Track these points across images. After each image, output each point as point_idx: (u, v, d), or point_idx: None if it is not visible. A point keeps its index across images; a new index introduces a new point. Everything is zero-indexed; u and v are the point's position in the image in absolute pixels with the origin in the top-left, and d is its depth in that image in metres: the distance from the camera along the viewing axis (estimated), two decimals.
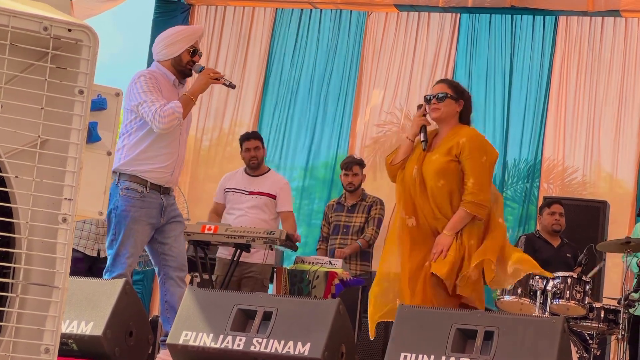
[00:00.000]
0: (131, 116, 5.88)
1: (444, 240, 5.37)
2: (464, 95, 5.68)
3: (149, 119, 5.73)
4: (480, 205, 5.39)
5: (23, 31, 2.11)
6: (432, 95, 5.60)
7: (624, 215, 9.35)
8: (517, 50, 10.06)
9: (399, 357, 4.75)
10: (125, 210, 5.79)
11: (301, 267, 7.50)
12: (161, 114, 5.69)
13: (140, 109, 5.76)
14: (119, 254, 5.82)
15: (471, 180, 5.40)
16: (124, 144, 5.88)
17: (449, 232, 5.38)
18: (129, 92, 5.87)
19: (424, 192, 5.48)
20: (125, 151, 5.86)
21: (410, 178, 5.51)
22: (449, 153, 5.45)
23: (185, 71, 6.02)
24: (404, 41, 10.37)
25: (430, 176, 5.45)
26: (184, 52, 5.96)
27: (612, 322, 7.32)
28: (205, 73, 6.00)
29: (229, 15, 10.90)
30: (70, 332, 5.27)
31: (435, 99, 5.57)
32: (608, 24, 9.81)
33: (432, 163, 5.47)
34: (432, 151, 5.55)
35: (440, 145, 5.55)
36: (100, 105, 2.36)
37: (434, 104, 5.57)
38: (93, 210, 2.37)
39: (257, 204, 7.69)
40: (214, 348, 5.09)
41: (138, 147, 5.84)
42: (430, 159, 5.50)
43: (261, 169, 7.89)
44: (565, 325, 4.68)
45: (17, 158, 2.14)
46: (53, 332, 2.15)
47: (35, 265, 2.14)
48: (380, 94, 10.35)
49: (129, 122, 5.88)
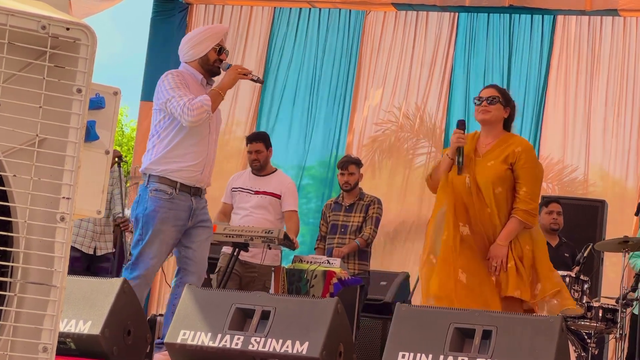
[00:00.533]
0: (159, 116, 5.88)
1: (500, 251, 5.46)
2: (510, 103, 5.75)
3: (177, 113, 5.73)
4: (532, 214, 5.51)
5: (21, 30, 2.11)
6: (483, 98, 5.67)
7: (623, 214, 9.35)
8: (515, 49, 10.07)
9: (397, 356, 4.75)
10: (154, 211, 5.77)
11: (299, 266, 7.51)
12: (190, 107, 5.70)
13: (168, 105, 5.76)
14: (143, 253, 5.80)
15: (524, 189, 5.50)
16: (154, 144, 5.87)
17: (503, 242, 5.47)
18: (156, 91, 5.86)
19: (481, 200, 5.53)
20: (155, 151, 5.85)
21: (463, 187, 5.55)
22: (505, 161, 5.55)
23: (213, 70, 6.05)
24: (402, 40, 10.38)
25: (488, 183, 5.52)
26: (211, 51, 6.01)
27: (610, 322, 7.33)
28: (234, 69, 6.02)
29: (227, 14, 10.90)
30: (69, 331, 5.27)
31: (486, 101, 5.64)
32: (606, 23, 9.82)
33: (489, 169, 5.55)
34: (484, 156, 5.62)
35: (492, 151, 5.62)
36: (98, 104, 2.36)
37: (484, 106, 5.64)
38: (91, 209, 2.37)
39: (263, 203, 7.70)
40: (212, 347, 5.09)
41: (167, 145, 5.84)
42: (485, 165, 5.57)
43: (267, 169, 7.91)
44: (563, 324, 4.68)
45: (15, 157, 2.14)
46: (51, 331, 2.15)
47: (33, 264, 2.14)
48: (378, 92, 10.35)
49: (158, 123, 5.88)
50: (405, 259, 9.91)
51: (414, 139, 10.32)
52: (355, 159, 8.59)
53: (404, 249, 10.06)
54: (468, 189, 5.53)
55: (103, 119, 2.39)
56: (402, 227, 10.10)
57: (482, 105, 5.64)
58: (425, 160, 10.24)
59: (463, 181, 5.54)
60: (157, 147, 5.86)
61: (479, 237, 5.52)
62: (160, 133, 5.86)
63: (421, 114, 10.26)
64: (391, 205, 9.86)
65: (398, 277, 8.70)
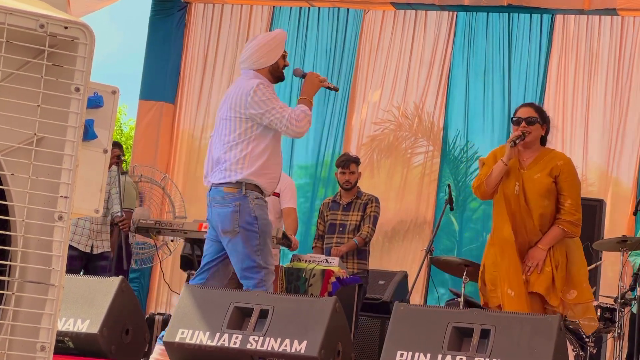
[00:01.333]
0: (245, 125, 5.79)
1: (539, 254, 5.74)
2: (547, 120, 6.02)
3: (282, 125, 5.70)
4: (577, 224, 5.84)
5: (19, 29, 2.11)
6: (522, 119, 5.89)
7: (621, 213, 9.35)
8: (513, 48, 10.06)
9: (395, 355, 4.75)
10: (265, 219, 5.75)
11: (298, 265, 7.51)
12: (296, 119, 5.71)
13: (267, 116, 5.70)
14: (267, 261, 5.72)
15: (569, 201, 5.83)
16: (244, 153, 5.76)
17: (544, 246, 5.76)
18: (243, 101, 5.75)
19: (527, 209, 5.80)
20: (249, 162, 5.76)
21: (513, 195, 5.80)
22: (550, 174, 5.84)
23: (281, 76, 6.08)
24: (400, 39, 10.37)
25: (536, 196, 5.81)
26: (280, 58, 6.04)
27: (608, 321, 7.33)
28: (314, 76, 6.06)
29: (226, 13, 10.89)
30: (67, 330, 5.28)
31: (525, 121, 5.88)
32: (605, 23, 9.81)
33: (536, 183, 5.82)
34: (528, 169, 5.87)
35: (534, 164, 5.89)
36: (96, 103, 2.36)
37: (523, 126, 5.85)
38: (89, 208, 2.36)
39: None
40: (210, 346, 5.09)
41: (261, 158, 5.77)
42: (532, 177, 5.84)
43: None
44: (561, 323, 4.68)
45: (13, 156, 2.14)
46: (49, 329, 2.15)
47: (31, 263, 2.14)
48: (377, 92, 10.35)
49: (244, 131, 5.78)
50: (404, 257, 9.91)
51: (412, 138, 10.32)
52: (355, 157, 8.59)
53: (402, 247, 10.06)
54: (517, 196, 5.78)
55: (101, 117, 2.38)
56: (401, 226, 10.10)
57: (521, 126, 5.85)
58: (423, 159, 10.24)
59: (512, 188, 5.80)
60: (251, 158, 5.77)
61: (522, 244, 5.79)
62: (249, 142, 5.77)
63: (419, 113, 10.26)
64: (389, 205, 9.86)
65: (396, 276, 8.70)
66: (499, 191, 5.83)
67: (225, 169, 5.75)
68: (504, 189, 5.81)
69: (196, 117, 10.78)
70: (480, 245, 9.85)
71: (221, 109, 5.95)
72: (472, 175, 10.06)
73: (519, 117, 5.90)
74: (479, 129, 10.07)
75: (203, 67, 10.86)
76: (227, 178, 5.73)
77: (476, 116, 10.06)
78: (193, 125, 10.85)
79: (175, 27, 10.89)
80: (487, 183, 5.82)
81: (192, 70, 10.91)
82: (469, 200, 10.10)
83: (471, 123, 10.10)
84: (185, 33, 10.96)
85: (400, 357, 4.73)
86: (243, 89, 5.80)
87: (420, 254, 8.21)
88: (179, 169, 10.80)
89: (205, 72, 10.85)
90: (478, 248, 9.84)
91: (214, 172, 5.84)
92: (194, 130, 10.83)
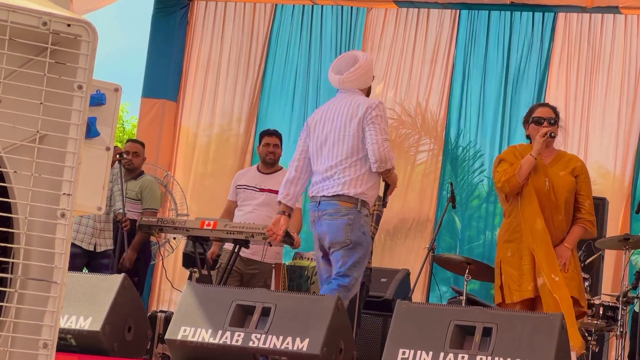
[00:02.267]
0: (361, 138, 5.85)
1: (567, 253, 5.92)
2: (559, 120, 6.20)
3: (383, 157, 5.74)
4: (594, 225, 6.08)
5: (22, 26, 2.11)
6: (543, 119, 6.04)
7: (623, 211, 9.35)
8: (516, 46, 10.06)
9: (397, 353, 4.75)
10: (368, 235, 5.88)
11: (300, 263, 7.50)
12: (391, 160, 5.84)
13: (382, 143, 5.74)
14: (359, 275, 5.84)
15: (587, 201, 6.06)
16: (361, 172, 5.84)
17: (570, 245, 5.94)
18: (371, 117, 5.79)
19: (556, 205, 5.93)
20: (365, 180, 5.83)
21: (544, 190, 5.93)
22: (572, 173, 6.03)
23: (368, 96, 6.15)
24: (403, 37, 10.37)
25: (562, 191, 5.97)
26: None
27: (610, 319, 7.33)
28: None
29: (229, 10, 10.89)
30: (69, 327, 5.28)
31: (547, 121, 6.04)
32: (607, 21, 9.81)
33: (563, 179, 5.98)
34: (551, 166, 6.03)
35: (556, 164, 6.06)
36: (99, 100, 2.36)
37: (545, 126, 5.99)
38: (92, 205, 2.37)
39: (267, 201, 7.72)
40: (212, 343, 5.09)
41: (370, 174, 5.85)
42: (558, 174, 5.99)
43: (274, 167, 7.95)
44: (563, 321, 4.68)
45: (16, 153, 2.14)
46: (51, 327, 2.15)
47: (34, 260, 2.14)
48: (380, 90, 10.34)
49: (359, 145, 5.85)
50: (406, 256, 9.90)
51: (415, 136, 10.31)
52: None
53: (404, 245, 10.05)
54: (547, 191, 5.91)
55: (104, 115, 2.38)
56: (403, 224, 10.09)
57: (544, 126, 5.98)
58: (426, 157, 10.24)
59: (543, 184, 5.92)
60: (365, 176, 5.85)
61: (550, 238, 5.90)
62: (361, 158, 5.85)
63: (422, 111, 10.26)
64: (392, 203, 9.83)
65: (399, 274, 8.69)
66: (529, 184, 5.90)
67: (343, 183, 5.82)
68: (534, 183, 5.90)
69: (198, 114, 10.78)
70: (482, 243, 9.85)
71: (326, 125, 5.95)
72: (474, 173, 10.06)
73: (540, 117, 6.02)
74: (482, 127, 10.06)
75: (205, 65, 10.86)
76: (343, 191, 5.81)
77: (479, 114, 10.05)
78: (195, 123, 10.85)
79: (177, 25, 10.89)
80: (519, 175, 5.87)
81: (194, 67, 10.91)
82: (471, 198, 10.09)
83: (473, 121, 10.09)
84: (188, 31, 10.96)
85: (403, 355, 4.73)
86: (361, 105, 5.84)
87: (423, 252, 8.20)
88: (181, 166, 10.80)
89: (208, 69, 10.85)
90: (480, 246, 9.85)
91: (323, 185, 5.88)
92: (196, 128, 10.83)
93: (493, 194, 9.89)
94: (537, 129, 5.98)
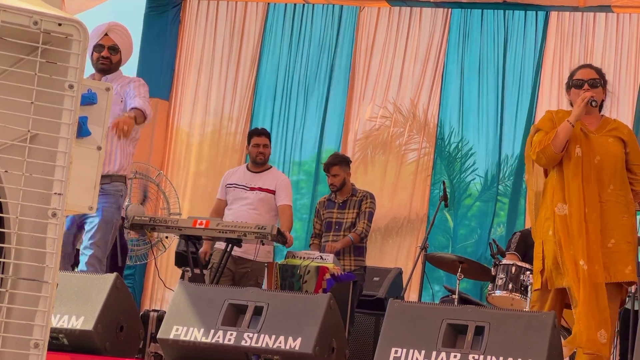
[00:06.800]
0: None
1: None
2: (606, 82, 5.60)
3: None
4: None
5: (13, 25, 2.11)
6: (584, 80, 5.49)
7: None
8: (508, 45, 10.07)
9: (389, 352, 4.75)
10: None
11: (292, 262, 7.50)
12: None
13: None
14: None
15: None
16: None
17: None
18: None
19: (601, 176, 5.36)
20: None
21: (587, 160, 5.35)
22: (621, 140, 5.45)
23: None
24: (395, 36, 10.38)
25: (614, 159, 5.38)
26: None
27: None
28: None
29: (221, 9, 10.89)
30: (61, 327, 5.27)
31: (588, 84, 5.47)
32: (600, 20, 9.82)
33: (612, 146, 5.42)
34: (597, 134, 5.45)
35: (603, 130, 5.47)
36: (90, 99, 2.36)
37: (586, 89, 5.45)
38: (83, 205, 2.36)
39: (257, 199, 7.74)
40: (204, 343, 5.09)
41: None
42: (606, 141, 5.42)
43: (264, 166, 7.99)
44: (555, 320, 4.69)
45: (7, 153, 2.13)
46: (42, 327, 2.15)
47: (25, 260, 2.14)
48: (372, 88, 10.35)
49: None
50: (398, 254, 9.91)
51: (407, 134, 10.32)
52: (339, 159, 8.41)
53: (396, 244, 10.06)
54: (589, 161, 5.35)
55: (95, 114, 2.38)
56: (394, 223, 10.10)
57: (584, 89, 5.44)
58: (418, 155, 10.24)
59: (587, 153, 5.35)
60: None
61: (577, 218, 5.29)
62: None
63: (414, 109, 10.26)
64: (384, 201, 9.85)
65: (391, 272, 8.70)
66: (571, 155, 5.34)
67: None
68: (576, 153, 5.34)
69: (191, 113, 10.78)
70: (474, 242, 9.86)
71: None
72: (466, 172, 10.07)
73: (581, 79, 5.48)
74: (474, 126, 10.06)
75: (198, 64, 10.86)
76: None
77: (471, 113, 10.06)
78: (188, 122, 10.85)
79: (170, 24, 10.88)
80: (554, 145, 5.30)
81: (186, 66, 10.91)
82: (463, 197, 10.10)
83: (466, 120, 10.10)
84: (180, 29, 10.96)
85: (395, 354, 4.73)
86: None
87: (415, 251, 8.21)
88: (173, 165, 10.79)
89: (200, 68, 10.85)
90: (472, 245, 9.85)
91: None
92: (189, 127, 10.83)
93: (485, 193, 9.91)
94: (578, 92, 5.43)
